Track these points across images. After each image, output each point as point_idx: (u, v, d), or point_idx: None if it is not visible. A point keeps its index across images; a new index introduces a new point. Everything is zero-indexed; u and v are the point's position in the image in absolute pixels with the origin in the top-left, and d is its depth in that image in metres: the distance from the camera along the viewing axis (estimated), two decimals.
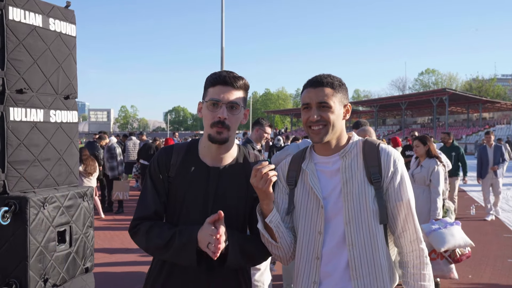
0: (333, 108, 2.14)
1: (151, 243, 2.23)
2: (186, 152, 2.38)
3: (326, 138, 2.16)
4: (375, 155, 2.17)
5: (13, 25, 2.65)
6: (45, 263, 2.69)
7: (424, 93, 70.99)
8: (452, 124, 77.93)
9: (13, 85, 2.66)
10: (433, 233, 5.53)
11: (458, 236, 5.49)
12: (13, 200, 2.59)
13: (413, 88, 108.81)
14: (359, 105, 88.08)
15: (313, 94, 2.16)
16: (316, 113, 2.14)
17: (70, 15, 3.05)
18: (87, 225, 3.01)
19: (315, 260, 2.16)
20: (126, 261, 7.65)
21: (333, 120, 2.15)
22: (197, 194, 2.29)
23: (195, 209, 2.29)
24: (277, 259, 2.32)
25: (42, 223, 2.68)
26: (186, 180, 2.31)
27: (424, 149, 6.77)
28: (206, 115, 2.25)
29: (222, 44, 21.85)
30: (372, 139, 2.28)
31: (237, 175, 2.36)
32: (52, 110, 2.91)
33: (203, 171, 2.32)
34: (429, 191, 6.53)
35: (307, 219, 2.21)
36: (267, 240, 2.22)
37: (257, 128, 6.55)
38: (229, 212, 2.22)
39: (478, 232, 9.82)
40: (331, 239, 2.14)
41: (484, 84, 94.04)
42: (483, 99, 67.73)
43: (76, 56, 3.09)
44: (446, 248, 5.46)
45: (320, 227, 2.16)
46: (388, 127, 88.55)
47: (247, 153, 2.48)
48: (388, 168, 2.14)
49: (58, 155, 2.94)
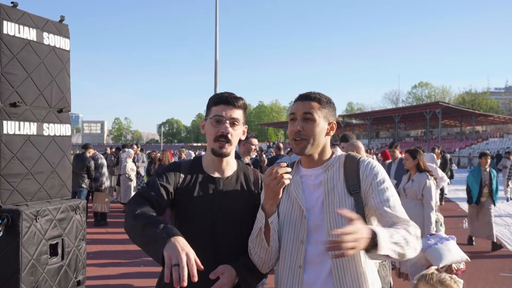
0: (317, 121, 2.23)
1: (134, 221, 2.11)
2: (191, 166, 2.55)
3: (307, 150, 2.24)
4: (354, 167, 2.25)
5: (8, 39, 2.68)
6: (37, 276, 2.69)
7: (417, 106, 71.31)
8: (445, 137, 78.21)
9: (7, 98, 2.68)
10: (430, 249, 5.52)
11: (455, 251, 5.48)
12: (6, 213, 2.60)
13: (406, 101, 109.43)
14: (352, 117, 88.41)
15: (300, 106, 2.27)
16: (300, 124, 2.23)
17: (64, 29, 3.08)
18: (79, 238, 3.02)
19: (298, 269, 2.20)
20: (118, 273, 7.61)
21: (315, 133, 2.23)
22: (203, 203, 2.43)
23: (201, 218, 2.41)
24: (259, 264, 2.34)
25: (35, 236, 2.68)
26: (193, 190, 2.45)
27: (413, 162, 6.77)
28: (210, 131, 2.46)
29: (216, 57, 21.95)
30: (354, 154, 2.36)
31: (240, 184, 2.55)
32: (46, 123, 2.92)
33: (208, 181, 2.49)
34: (421, 205, 6.54)
35: (290, 228, 2.27)
36: (260, 241, 2.25)
37: (243, 143, 6.58)
38: (234, 219, 2.40)
39: (470, 246, 9.84)
40: (313, 249, 2.18)
41: (477, 97, 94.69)
42: (476, 113, 68.08)
43: (69, 70, 3.11)
44: (444, 264, 5.45)
45: (302, 236, 2.21)
46: (381, 140, 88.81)
47: (245, 167, 2.68)
48: (366, 179, 2.20)
49: (51, 168, 2.96)
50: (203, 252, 2.32)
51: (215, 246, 2.38)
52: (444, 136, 79.80)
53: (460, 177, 29.03)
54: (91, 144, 13.87)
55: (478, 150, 59.08)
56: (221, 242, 2.39)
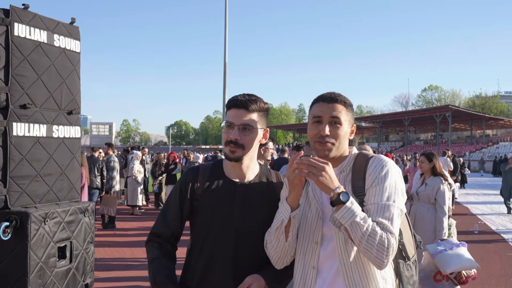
0: (343, 125, 2.18)
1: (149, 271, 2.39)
2: (212, 171, 2.53)
3: (331, 154, 2.19)
4: (362, 167, 2.20)
5: (18, 41, 2.67)
6: (45, 279, 2.68)
7: (427, 110, 71.05)
8: (455, 141, 77.79)
9: (17, 100, 2.67)
10: (439, 255, 5.47)
11: (464, 258, 5.42)
12: (14, 215, 2.59)
13: (416, 105, 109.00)
14: (362, 121, 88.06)
15: (326, 109, 2.19)
16: (327, 128, 2.16)
17: (74, 31, 3.08)
18: (87, 241, 3.01)
19: (311, 269, 2.20)
20: (126, 276, 7.60)
21: (341, 137, 2.18)
22: (225, 207, 2.41)
23: (223, 222, 2.39)
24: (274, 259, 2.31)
25: (43, 239, 2.67)
26: (214, 195, 2.44)
27: (429, 165, 6.72)
28: (223, 135, 2.44)
29: (225, 59, 22.00)
30: (366, 152, 2.32)
31: (261, 188, 2.50)
32: (55, 125, 2.92)
33: (230, 186, 2.46)
34: (434, 209, 6.47)
35: (306, 228, 2.25)
36: (279, 234, 2.22)
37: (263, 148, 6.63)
38: (256, 223, 2.36)
39: (481, 251, 9.76)
40: (325, 249, 2.18)
41: (487, 101, 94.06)
42: (487, 116, 67.70)
43: (80, 72, 3.10)
44: (452, 271, 5.39)
45: (318, 237, 2.19)
46: (391, 143, 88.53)
47: (268, 171, 2.63)
48: (371, 175, 2.15)
49: (60, 170, 2.95)
50: (225, 257, 2.37)
51: (237, 251, 2.37)
52: (454, 139, 79.35)
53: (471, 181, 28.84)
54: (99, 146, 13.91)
55: (488, 154, 58.67)
56: (243, 246, 2.38)
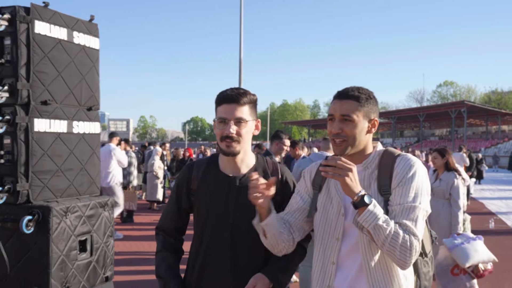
0: (355, 122, 2.14)
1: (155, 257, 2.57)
2: (207, 166, 2.56)
3: (347, 151, 2.17)
4: (389, 166, 2.17)
5: (39, 38, 2.72)
6: (66, 272, 2.73)
7: (442, 105, 70.54)
8: (471, 137, 77.04)
9: (38, 96, 2.73)
10: (457, 248, 5.45)
11: (482, 251, 5.40)
12: (37, 210, 2.64)
13: (431, 100, 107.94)
14: None
15: (337, 106, 2.18)
16: (337, 126, 2.15)
17: (93, 28, 3.12)
18: (107, 235, 3.06)
19: (331, 265, 2.20)
20: (145, 269, 7.68)
21: (355, 134, 2.15)
22: (220, 201, 2.44)
23: (218, 216, 2.43)
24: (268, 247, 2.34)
25: (64, 232, 2.73)
26: (209, 190, 2.47)
27: (442, 161, 6.70)
28: (216, 132, 2.43)
29: (241, 55, 22.00)
30: (393, 150, 2.28)
31: None
32: (75, 121, 2.97)
33: (224, 180, 2.47)
34: (449, 204, 6.46)
35: (327, 225, 2.25)
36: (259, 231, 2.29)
37: (277, 142, 6.86)
38: (251, 216, 2.31)
39: (497, 246, 9.68)
40: (346, 245, 2.18)
41: (503, 96, 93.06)
42: (502, 112, 67.00)
43: (99, 69, 3.15)
44: (470, 264, 5.37)
45: (339, 233, 2.19)
46: (406, 139, 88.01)
47: (265, 161, 2.61)
48: (398, 175, 2.13)
49: (80, 165, 3.00)
50: (222, 251, 2.40)
51: (234, 244, 2.40)
52: (470, 135, 78.58)
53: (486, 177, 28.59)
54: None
55: (504, 150, 58.05)
56: (240, 239, 2.40)
